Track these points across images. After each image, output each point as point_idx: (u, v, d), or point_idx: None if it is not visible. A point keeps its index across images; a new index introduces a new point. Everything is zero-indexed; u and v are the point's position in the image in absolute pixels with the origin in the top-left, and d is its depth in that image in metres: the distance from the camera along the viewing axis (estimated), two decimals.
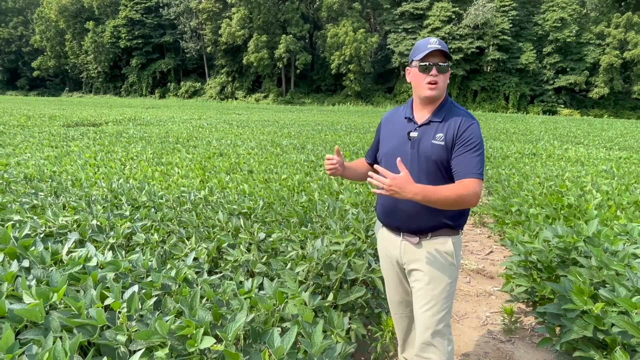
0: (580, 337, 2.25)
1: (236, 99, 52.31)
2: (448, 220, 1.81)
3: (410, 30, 46.09)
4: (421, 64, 1.74)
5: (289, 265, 2.58)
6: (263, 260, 2.78)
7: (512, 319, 2.97)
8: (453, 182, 1.74)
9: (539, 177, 5.73)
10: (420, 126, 1.82)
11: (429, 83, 1.74)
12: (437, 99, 1.81)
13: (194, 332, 1.66)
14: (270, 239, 3.00)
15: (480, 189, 1.66)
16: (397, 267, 2.01)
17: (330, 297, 2.37)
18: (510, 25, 43.51)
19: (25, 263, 2.35)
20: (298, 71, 50.53)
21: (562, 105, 43.65)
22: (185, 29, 56.65)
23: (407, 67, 1.88)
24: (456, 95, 45.33)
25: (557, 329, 2.61)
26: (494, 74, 45.15)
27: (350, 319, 2.43)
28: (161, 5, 58.22)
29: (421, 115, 1.85)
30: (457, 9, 44.19)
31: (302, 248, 2.78)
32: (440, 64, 1.72)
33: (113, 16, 59.07)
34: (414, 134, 1.82)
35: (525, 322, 3.07)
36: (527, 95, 44.56)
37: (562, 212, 4.09)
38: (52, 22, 62.42)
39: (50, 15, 61.65)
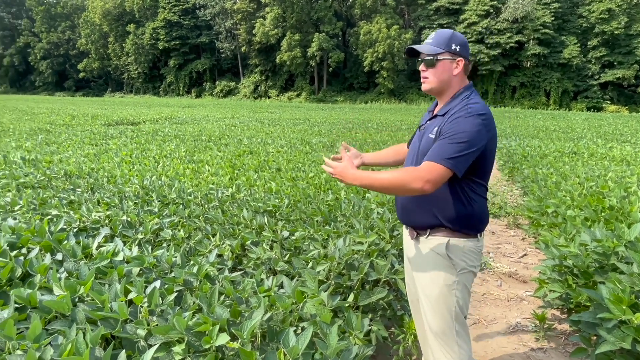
0: (618, 349, 2.11)
1: (269, 97, 52.93)
2: (444, 220, 1.72)
3: (445, 26, 44.99)
4: (417, 60, 1.80)
5: (310, 264, 2.57)
6: (286, 258, 2.78)
7: (545, 326, 2.83)
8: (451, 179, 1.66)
9: (578, 177, 5.43)
10: (429, 120, 1.83)
11: (422, 78, 1.78)
12: (441, 93, 1.79)
13: (210, 328, 1.67)
14: (294, 238, 3.00)
15: (433, 174, 1.54)
16: (410, 264, 1.99)
17: (351, 297, 2.33)
18: (552, 18, 41.60)
19: (59, 256, 2.46)
20: (330, 69, 50.49)
21: (609, 102, 41.34)
22: (221, 30, 57.86)
23: None
24: (493, 91, 43.91)
25: (594, 339, 2.46)
26: (534, 69, 43.37)
27: (371, 320, 2.39)
28: (198, 6, 59.72)
29: (437, 109, 1.84)
30: (495, 2, 42.72)
31: (324, 247, 2.75)
32: (425, 58, 1.73)
33: (152, 18, 61.17)
34: (422, 128, 1.85)
35: (559, 329, 2.92)
36: (570, 91, 42.50)
37: (602, 214, 3.86)
38: (96, 25, 65.43)
39: (95, 19, 64.63)
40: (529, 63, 43.86)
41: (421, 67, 1.76)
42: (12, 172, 4.88)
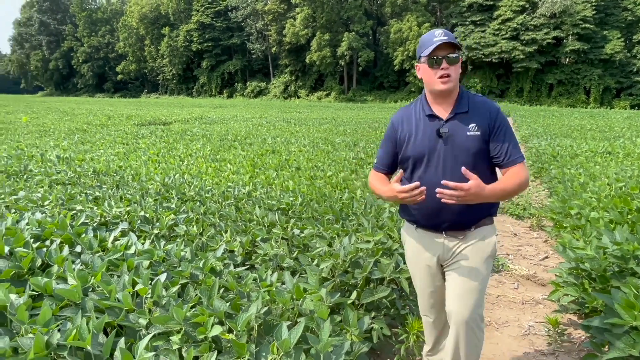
0: (627, 357, 2.02)
1: (299, 97, 53.30)
2: (490, 209, 1.86)
3: (478, 22, 43.84)
4: (430, 58, 1.72)
5: (315, 262, 2.60)
6: (294, 255, 2.82)
7: (558, 331, 2.75)
8: (489, 171, 1.81)
9: (608, 178, 5.20)
10: (447, 121, 1.78)
11: (442, 77, 1.71)
12: (452, 92, 1.77)
13: (206, 320, 1.74)
14: (302, 235, 3.04)
15: (527, 171, 1.76)
16: (436, 267, 1.94)
17: (354, 295, 2.35)
18: (594, 12, 39.68)
19: (78, 248, 2.60)
20: (360, 68, 50.28)
21: None
22: (252, 31, 58.77)
23: (416, 64, 1.84)
24: (529, 90, 42.39)
25: (607, 346, 2.36)
26: (573, 66, 41.53)
27: (374, 318, 2.40)
28: (229, 8, 60.90)
29: (441, 110, 1.80)
30: None
31: (330, 245, 2.78)
32: (449, 55, 1.69)
33: (186, 21, 62.91)
34: (444, 130, 1.76)
35: (574, 335, 2.82)
36: (612, 88, 40.41)
37: (629, 216, 3.69)
38: (133, 29, 67.96)
39: (132, 23, 67.14)
40: (567, 59, 42.07)
41: (443, 65, 1.70)
42: (47, 169, 5.17)
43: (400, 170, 1.87)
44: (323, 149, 7.95)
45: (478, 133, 1.73)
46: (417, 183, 1.68)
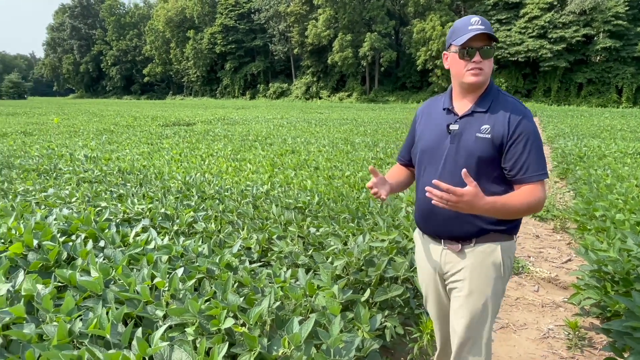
0: None
1: (320, 98, 53.42)
2: (493, 225, 1.60)
3: (504, 21, 42.92)
4: (462, 48, 1.53)
5: (329, 259, 2.62)
6: (309, 253, 2.85)
7: (578, 334, 2.68)
8: (497, 183, 1.58)
9: (637, 179, 5.02)
10: (461, 118, 1.62)
11: (473, 69, 1.54)
12: (481, 86, 1.60)
13: (220, 313, 1.79)
14: (318, 233, 3.07)
15: (545, 191, 1.53)
16: (438, 277, 1.81)
17: (367, 293, 2.36)
18: (627, 8, 38.24)
19: (102, 243, 2.71)
20: (382, 69, 49.99)
21: None
22: (274, 33, 59.32)
23: (445, 52, 1.66)
24: (557, 89, 41.20)
25: (628, 351, 2.30)
26: (604, 64, 40.10)
27: (387, 317, 2.40)
28: (252, 11, 61.66)
29: (462, 105, 1.65)
30: None
31: (344, 244, 2.80)
32: (485, 47, 1.52)
33: (210, 24, 64.07)
34: (454, 127, 1.62)
35: (594, 339, 2.75)
36: None
37: None
38: (159, 32, 69.72)
39: (159, 26, 68.87)
40: (598, 58, 40.67)
41: (476, 58, 1.52)
42: (75, 168, 5.38)
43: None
44: (342, 149, 7.96)
45: (488, 136, 1.54)
46: (375, 180, 1.66)
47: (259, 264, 2.59)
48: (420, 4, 46.52)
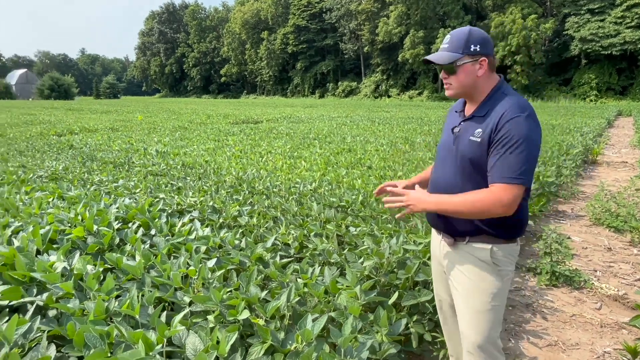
0: None
1: (389, 96, 52.66)
2: (484, 226, 1.62)
3: (597, 10, 38.93)
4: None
5: (361, 259, 2.61)
6: (344, 252, 2.85)
7: None
8: (487, 183, 1.57)
9: None
10: (463, 121, 1.70)
11: (444, 84, 1.68)
12: (465, 96, 1.70)
13: (239, 303, 1.86)
14: (355, 232, 3.06)
15: (510, 196, 1.47)
16: (440, 271, 1.95)
17: (395, 296, 2.31)
18: None
19: (153, 231, 2.94)
20: None
21: None
22: (345, 31, 59.58)
23: None
24: None
25: None
26: None
27: (415, 322, 2.34)
28: (324, 10, 62.42)
29: (468, 109, 1.73)
30: None
31: (377, 244, 2.76)
32: (443, 65, 1.62)
33: (283, 25, 65.99)
34: (457, 130, 1.72)
35: None
36: None
37: None
38: (236, 34, 73.33)
39: (235, 28, 72.45)
40: None
41: (442, 75, 1.66)
42: (145, 162, 5.86)
43: None
44: (400, 148, 7.80)
45: (479, 139, 1.57)
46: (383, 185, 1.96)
47: (290, 259, 2.64)
48: None
